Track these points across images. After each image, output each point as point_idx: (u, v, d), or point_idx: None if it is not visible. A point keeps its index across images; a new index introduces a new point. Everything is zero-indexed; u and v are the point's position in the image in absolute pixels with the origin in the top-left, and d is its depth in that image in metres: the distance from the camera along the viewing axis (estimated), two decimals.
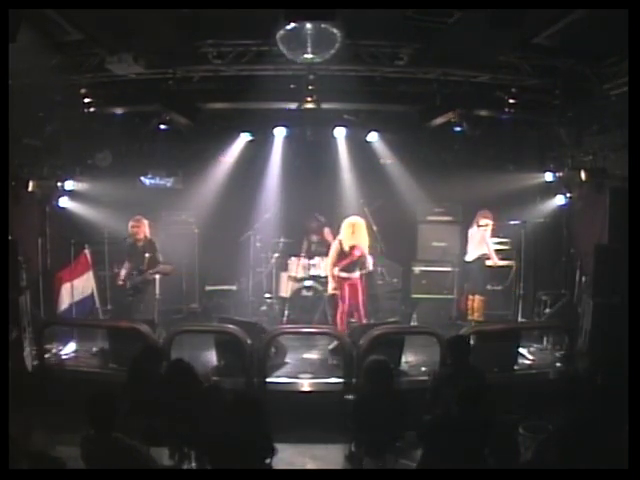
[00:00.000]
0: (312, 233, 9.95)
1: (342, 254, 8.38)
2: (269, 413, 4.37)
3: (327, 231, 9.76)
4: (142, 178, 9.87)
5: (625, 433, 3.79)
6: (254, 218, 10.02)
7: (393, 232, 9.97)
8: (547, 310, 8.65)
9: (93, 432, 3.99)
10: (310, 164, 9.97)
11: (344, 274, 8.38)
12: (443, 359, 6.49)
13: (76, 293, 8.40)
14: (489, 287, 9.59)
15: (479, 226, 9.32)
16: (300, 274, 9.45)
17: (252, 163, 10.01)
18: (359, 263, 8.43)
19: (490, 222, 9.30)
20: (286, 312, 9.20)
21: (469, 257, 9.48)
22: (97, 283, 8.96)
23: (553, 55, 6.54)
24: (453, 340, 5.79)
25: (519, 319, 9.14)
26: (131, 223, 8.24)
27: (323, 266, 9.21)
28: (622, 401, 4.02)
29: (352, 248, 8.32)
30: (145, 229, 8.28)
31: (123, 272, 8.21)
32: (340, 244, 8.39)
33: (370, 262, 8.70)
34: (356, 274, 8.44)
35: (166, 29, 5.97)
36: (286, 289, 9.68)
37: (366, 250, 8.51)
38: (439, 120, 8.44)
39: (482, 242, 9.33)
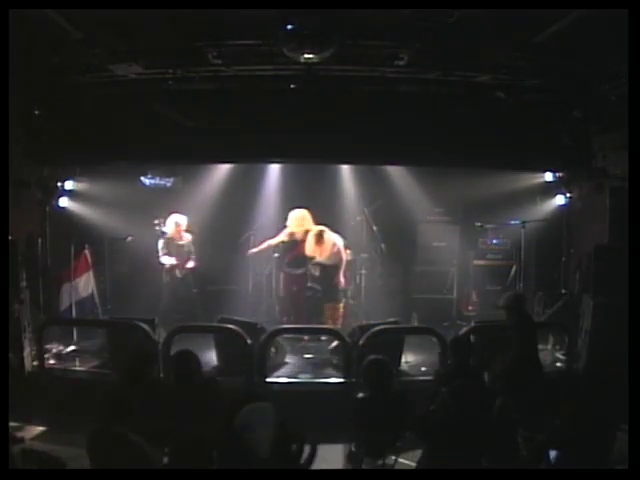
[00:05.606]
0: None
1: None
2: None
3: None
4: (142, 178, 9.86)
5: (625, 433, 3.79)
6: (254, 218, 10.01)
7: (393, 232, 9.96)
8: (547, 310, 8.65)
9: (99, 428, 3.98)
10: (310, 163, 9.95)
11: None
12: (443, 359, 6.48)
13: (76, 293, 8.40)
14: (489, 287, 9.56)
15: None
16: None
17: (252, 163, 9.99)
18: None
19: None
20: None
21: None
22: (97, 283, 8.95)
23: (553, 55, 6.54)
24: (455, 341, 5.79)
25: None
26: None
27: None
28: (622, 401, 4.02)
29: None
30: None
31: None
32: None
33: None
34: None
35: (166, 29, 5.97)
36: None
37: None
38: (438, 120, 8.42)
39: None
